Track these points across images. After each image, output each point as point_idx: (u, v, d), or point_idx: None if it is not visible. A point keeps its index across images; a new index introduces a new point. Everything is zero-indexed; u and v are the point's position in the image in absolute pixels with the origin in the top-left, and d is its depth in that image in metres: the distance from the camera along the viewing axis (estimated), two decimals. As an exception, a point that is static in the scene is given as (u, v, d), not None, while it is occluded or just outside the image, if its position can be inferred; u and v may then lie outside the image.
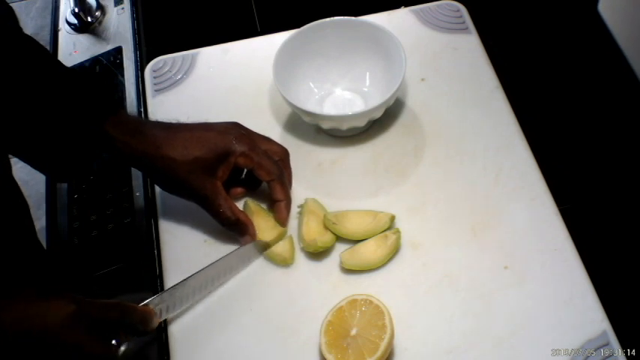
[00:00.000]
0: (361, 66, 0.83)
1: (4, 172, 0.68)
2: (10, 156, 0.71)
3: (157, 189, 0.78)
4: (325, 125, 0.78)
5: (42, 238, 0.78)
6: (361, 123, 0.78)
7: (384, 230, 0.72)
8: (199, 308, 0.70)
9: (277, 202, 0.73)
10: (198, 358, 0.67)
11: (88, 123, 0.65)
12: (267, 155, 0.72)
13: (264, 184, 0.75)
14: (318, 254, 0.72)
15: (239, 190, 0.76)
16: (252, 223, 0.72)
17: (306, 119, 0.78)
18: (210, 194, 0.69)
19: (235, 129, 0.71)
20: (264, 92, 0.86)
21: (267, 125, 0.82)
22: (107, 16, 0.99)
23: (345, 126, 0.77)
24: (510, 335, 0.65)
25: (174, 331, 0.68)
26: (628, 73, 0.86)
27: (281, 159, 0.74)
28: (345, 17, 0.82)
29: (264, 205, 0.76)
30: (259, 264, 0.72)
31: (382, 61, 0.81)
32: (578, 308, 0.67)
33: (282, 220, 0.73)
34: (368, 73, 0.84)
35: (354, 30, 0.82)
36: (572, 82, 0.89)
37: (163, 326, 0.69)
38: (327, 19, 0.82)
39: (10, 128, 0.63)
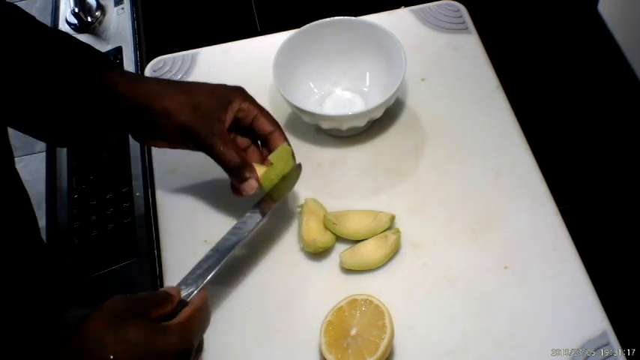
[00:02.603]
0: (361, 66, 0.83)
1: (6, 162, 0.67)
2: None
3: (157, 189, 0.78)
4: (325, 125, 0.78)
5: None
6: (361, 123, 0.78)
7: (384, 230, 0.72)
8: (199, 308, 0.70)
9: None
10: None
11: (86, 75, 0.64)
12: (265, 110, 0.71)
13: None
14: (318, 254, 0.72)
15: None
16: (254, 169, 0.69)
17: (306, 119, 0.78)
18: (215, 138, 0.67)
19: (237, 86, 0.71)
20: (264, 92, 0.86)
21: (267, 125, 0.82)
22: (107, 16, 0.99)
23: (345, 126, 0.77)
24: (510, 335, 0.65)
25: (174, 331, 0.68)
26: (628, 73, 0.85)
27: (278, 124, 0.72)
28: (345, 17, 0.82)
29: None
30: (259, 264, 0.72)
31: (382, 61, 0.81)
32: (578, 308, 0.67)
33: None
34: (368, 73, 0.84)
35: (354, 30, 0.82)
36: (572, 82, 0.89)
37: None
38: (327, 19, 0.82)
39: (6, 91, 0.62)
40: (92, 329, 0.52)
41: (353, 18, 0.82)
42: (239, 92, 0.70)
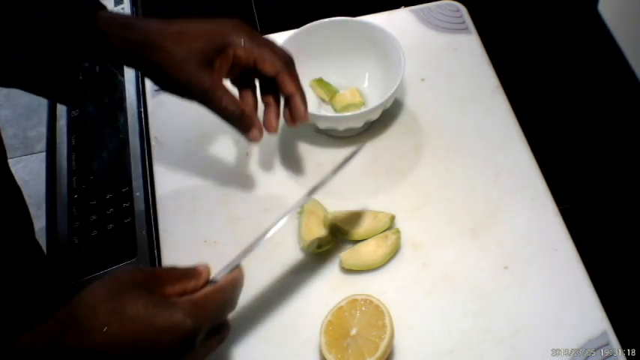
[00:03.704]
0: (360, 66, 0.83)
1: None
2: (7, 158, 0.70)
3: (157, 189, 0.78)
4: (322, 125, 0.78)
5: (42, 238, 0.78)
6: (358, 124, 0.78)
7: (384, 230, 0.72)
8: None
9: (290, 96, 0.67)
10: (198, 358, 0.67)
11: (78, 20, 0.62)
12: (270, 46, 0.66)
13: None
14: (318, 254, 0.72)
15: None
16: (256, 116, 0.67)
17: None
18: (209, 87, 0.64)
19: (234, 22, 0.66)
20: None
21: (267, 125, 0.82)
22: (107, 16, 0.99)
23: (341, 127, 0.77)
24: (510, 335, 0.65)
25: (174, 331, 0.68)
26: (628, 73, 0.86)
27: (284, 63, 0.67)
28: (345, 18, 0.82)
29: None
30: (259, 264, 0.72)
31: (381, 62, 0.81)
32: (578, 308, 0.67)
33: (301, 115, 0.68)
34: (367, 74, 0.84)
35: (353, 30, 0.82)
36: (572, 82, 0.89)
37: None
38: (327, 20, 0.82)
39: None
40: (89, 296, 0.48)
41: (352, 18, 0.82)
42: (235, 32, 0.65)
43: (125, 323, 0.47)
